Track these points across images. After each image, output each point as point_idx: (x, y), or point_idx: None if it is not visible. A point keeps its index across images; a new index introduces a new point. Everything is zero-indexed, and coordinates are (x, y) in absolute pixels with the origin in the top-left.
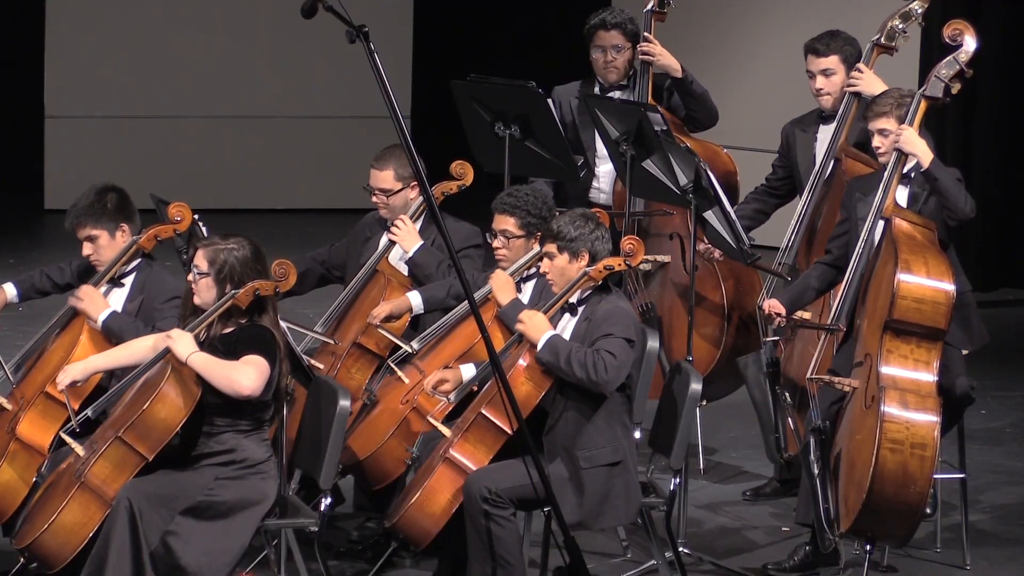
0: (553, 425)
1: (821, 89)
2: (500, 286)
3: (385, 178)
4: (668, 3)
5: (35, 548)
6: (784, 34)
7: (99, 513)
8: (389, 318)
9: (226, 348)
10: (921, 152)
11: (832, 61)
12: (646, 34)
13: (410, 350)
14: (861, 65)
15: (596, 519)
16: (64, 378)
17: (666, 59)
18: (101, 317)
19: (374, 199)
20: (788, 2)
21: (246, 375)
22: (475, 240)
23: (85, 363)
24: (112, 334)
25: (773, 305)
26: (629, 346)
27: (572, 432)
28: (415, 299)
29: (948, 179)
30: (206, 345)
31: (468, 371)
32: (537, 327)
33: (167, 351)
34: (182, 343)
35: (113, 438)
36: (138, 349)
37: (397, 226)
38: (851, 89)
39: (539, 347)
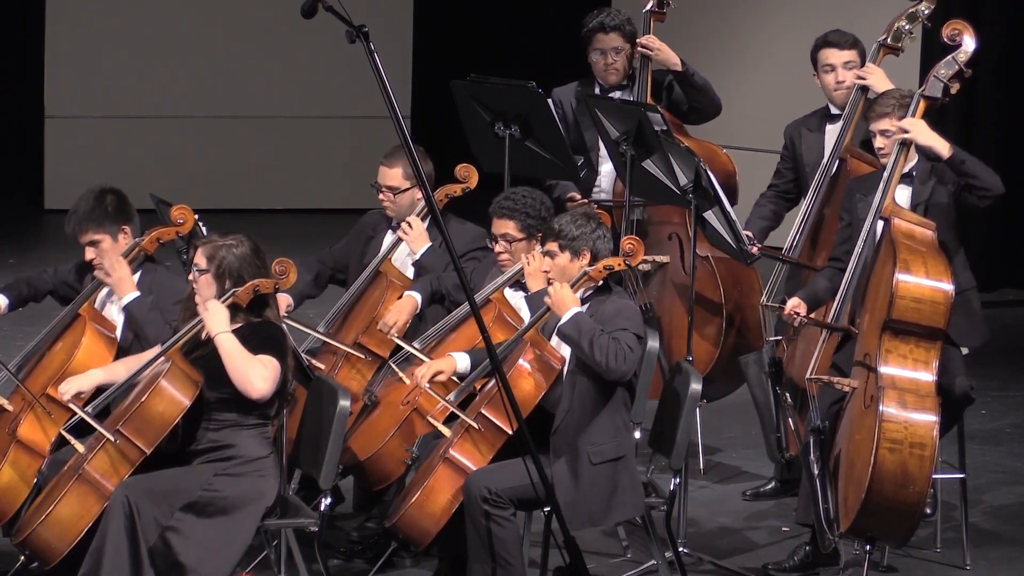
0: (560, 424)
1: (843, 82)
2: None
3: (394, 175)
4: (667, 3)
5: (31, 541)
6: (786, 35)
7: (96, 506)
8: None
9: None
10: (937, 142)
11: (854, 54)
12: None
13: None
14: (870, 64)
15: (606, 515)
16: (68, 389)
17: (665, 53)
18: (126, 299)
19: (381, 196)
20: (790, 3)
21: (262, 377)
22: (481, 242)
23: (87, 376)
24: (131, 317)
25: (795, 305)
26: (640, 342)
27: (579, 429)
28: (418, 296)
29: (973, 159)
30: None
31: (462, 359)
32: (564, 300)
33: (166, 348)
34: (216, 319)
35: (111, 432)
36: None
37: (407, 227)
38: (861, 83)
39: (563, 320)
